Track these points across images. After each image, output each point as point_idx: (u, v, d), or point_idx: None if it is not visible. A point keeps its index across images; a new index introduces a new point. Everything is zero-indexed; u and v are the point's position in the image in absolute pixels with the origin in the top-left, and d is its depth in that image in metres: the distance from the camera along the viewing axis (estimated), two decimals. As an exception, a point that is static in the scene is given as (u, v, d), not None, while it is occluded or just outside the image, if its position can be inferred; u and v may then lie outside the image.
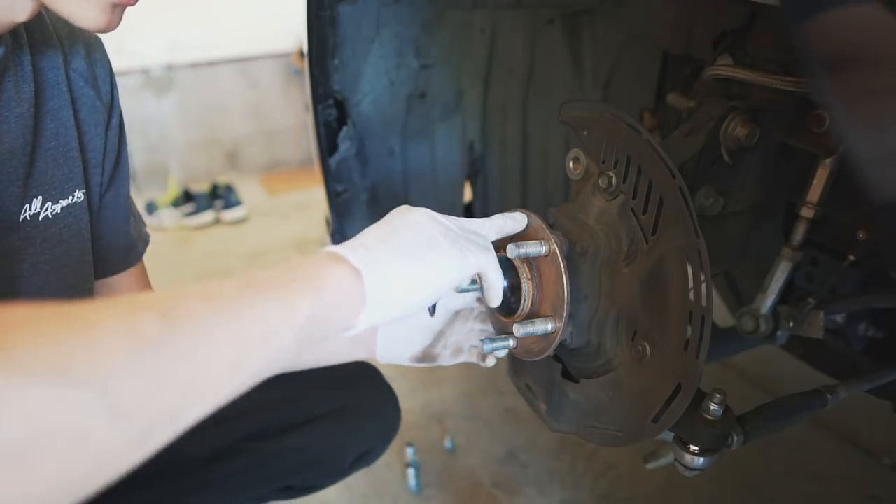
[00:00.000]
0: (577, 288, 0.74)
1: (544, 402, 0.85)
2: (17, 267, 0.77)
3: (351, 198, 1.54)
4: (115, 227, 0.91)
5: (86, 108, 0.84)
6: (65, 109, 0.80)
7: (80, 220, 0.83)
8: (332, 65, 1.39)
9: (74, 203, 0.82)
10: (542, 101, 1.66)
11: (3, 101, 0.74)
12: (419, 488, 1.59)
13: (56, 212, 0.80)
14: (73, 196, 0.82)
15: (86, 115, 0.84)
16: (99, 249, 0.90)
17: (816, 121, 0.86)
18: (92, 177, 0.86)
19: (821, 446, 1.71)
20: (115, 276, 0.94)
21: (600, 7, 1.55)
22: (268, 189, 3.76)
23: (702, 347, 0.65)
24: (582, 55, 1.61)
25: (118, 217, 0.92)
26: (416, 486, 1.59)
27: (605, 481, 1.62)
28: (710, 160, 0.87)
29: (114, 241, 0.92)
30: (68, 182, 0.81)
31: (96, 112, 0.85)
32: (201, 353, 0.43)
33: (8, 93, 0.74)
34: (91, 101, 0.84)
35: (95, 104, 0.85)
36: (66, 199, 0.81)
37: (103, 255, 0.91)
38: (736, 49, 0.97)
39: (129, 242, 0.94)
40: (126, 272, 0.95)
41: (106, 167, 0.88)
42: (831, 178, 0.89)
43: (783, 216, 1.03)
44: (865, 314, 1.09)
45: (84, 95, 0.83)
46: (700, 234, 0.65)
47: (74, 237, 0.82)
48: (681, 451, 0.77)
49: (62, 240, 0.81)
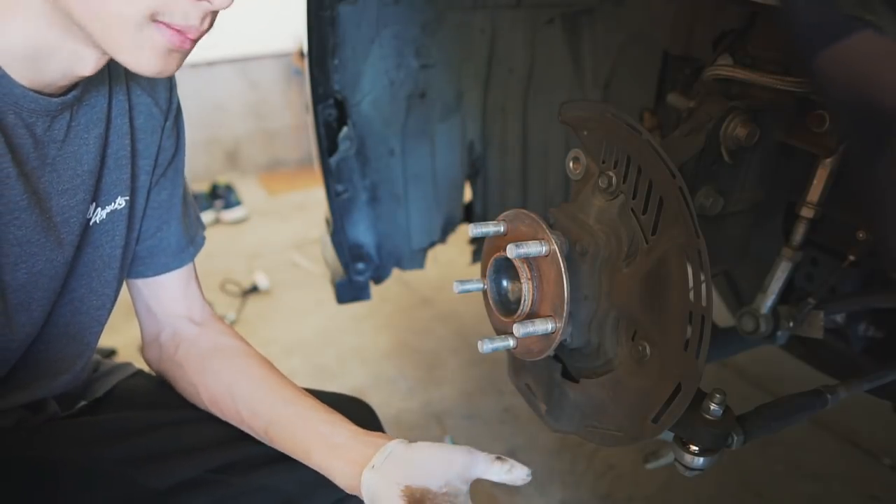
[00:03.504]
0: (577, 288, 0.74)
1: (544, 402, 0.85)
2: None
3: (351, 198, 1.54)
4: (168, 226, 0.92)
5: (143, 116, 0.85)
6: (120, 118, 0.81)
7: (117, 225, 0.84)
8: (332, 65, 1.39)
9: (116, 209, 0.83)
10: (542, 101, 1.66)
11: (83, 124, 0.76)
12: (419, 488, 1.59)
13: (102, 217, 0.82)
14: (116, 202, 0.83)
15: (142, 122, 0.85)
16: (149, 248, 0.91)
17: (816, 121, 0.86)
18: (140, 182, 0.86)
19: (821, 446, 1.71)
20: (163, 275, 0.94)
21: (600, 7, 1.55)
22: (268, 189, 3.76)
23: (702, 347, 0.65)
24: (582, 55, 1.61)
25: (171, 216, 0.92)
26: (416, 486, 1.58)
27: (605, 481, 1.62)
28: (710, 160, 0.87)
29: (164, 241, 0.92)
30: (115, 188, 0.82)
31: (153, 119, 0.86)
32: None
33: (87, 115, 0.77)
34: (148, 107, 0.85)
35: (152, 111, 0.86)
36: (111, 205, 0.83)
37: (153, 253, 0.92)
38: (736, 49, 0.97)
39: (180, 243, 0.94)
40: (175, 272, 0.95)
41: (157, 170, 0.89)
42: (831, 178, 0.89)
43: (783, 216, 1.03)
44: (865, 314, 1.09)
45: (141, 103, 0.84)
46: (700, 234, 0.65)
47: (109, 242, 0.84)
48: (681, 451, 0.77)
49: (101, 244, 0.83)
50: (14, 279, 0.72)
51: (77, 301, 0.82)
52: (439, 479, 0.74)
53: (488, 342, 0.74)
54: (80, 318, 0.84)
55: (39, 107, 0.69)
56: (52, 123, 0.72)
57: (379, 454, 0.77)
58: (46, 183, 0.73)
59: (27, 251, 0.72)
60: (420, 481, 0.74)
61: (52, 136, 0.73)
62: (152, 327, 0.98)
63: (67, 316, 0.82)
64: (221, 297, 2.57)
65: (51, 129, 0.72)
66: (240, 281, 2.67)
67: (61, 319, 0.81)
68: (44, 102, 0.69)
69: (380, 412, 1.02)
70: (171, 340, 0.96)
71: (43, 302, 0.77)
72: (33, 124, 0.70)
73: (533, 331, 0.72)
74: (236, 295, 2.60)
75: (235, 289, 2.63)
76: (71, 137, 0.75)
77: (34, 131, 0.70)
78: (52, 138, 0.73)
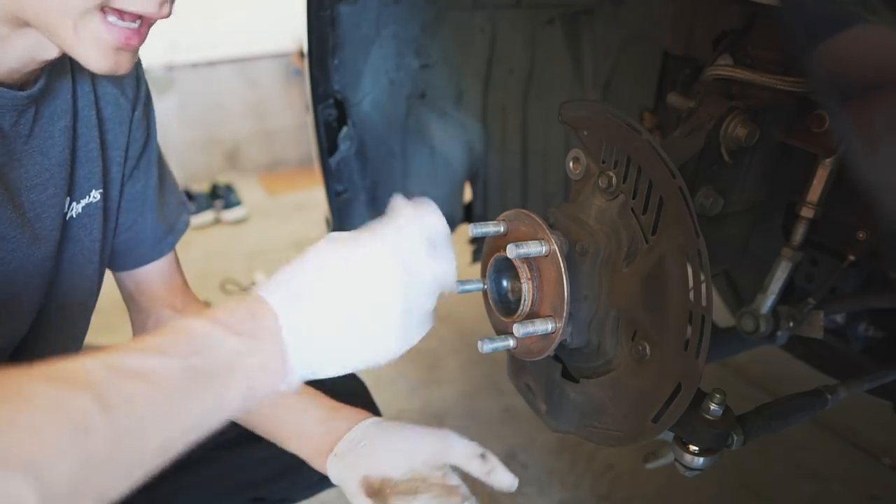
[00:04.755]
0: (577, 288, 0.74)
1: (544, 402, 0.85)
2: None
3: (351, 198, 1.54)
4: (142, 218, 0.91)
5: (110, 107, 0.84)
6: (87, 109, 0.80)
7: (93, 219, 0.83)
8: (332, 65, 1.39)
9: (91, 202, 0.83)
10: (542, 101, 1.66)
11: (47, 116, 0.75)
12: (419, 488, 1.59)
13: (78, 211, 0.81)
14: (90, 196, 0.82)
15: (110, 113, 0.84)
16: (126, 241, 0.91)
17: (816, 121, 0.86)
18: (112, 174, 0.85)
19: (821, 446, 1.71)
20: (144, 267, 0.94)
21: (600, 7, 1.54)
22: (268, 189, 3.76)
23: (702, 347, 0.65)
24: (582, 55, 1.61)
25: (145, 208, 0.91)
26: (416, 486, 1.58)
27: (605, 481, 1.62)
28: (710, 160, 0.87)
29: (141, 233, 0.92)
30: (87, 182, 0.82)
31: (120, 110, 0.85)
32: (134, 438, 0.44)
33: (51, 107, 0.75)
34: (115, 98, 0.84)
35: (119, 101, 0.84)
36: (85, 199, 0.82)
37: (130, 245, 0.92)
38: (736, 49, 0.97)
39: (157, 233, 0.93)
40: (156, 262, 0.95)
41: (128, 161, 0.88)
42: (831, 178, 0.89)
43: (783, 216, 1.03)
44: (865, 314, 1.09)
45: (107, 94, 0.83)
46: (700, 234, 0.65)
47: (87, 236, 0.83)
48: (681, 451, 0.77)
49: (79, 238, 0.82)
50: (4, 278, 0.71)
51: (62, 297, 0.82)
52: (401, 467, 0.73)
53: (488, 342, 0.74)
54: (67, 312, 0.84)
55: (6, 101, 0.68)
56: (19, 118, 0.71)
57: (342, 441, 0.76)
58: (16, 178, 0.72)
59: (5, 248, 0.71)
60: (381, 470, 0.73)
61: (19, 131, 0.72)
62: (139, 317, 0.98)
63: (55, 311, 0.82)
64: (221, 297, 2.56)
65: (17, 123, 0.71)
66: (240, 281, 2.67)
67: (49, 316, 0.81)
68: (10, 97, 0.68)
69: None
70: (156, 328, 0.96)
71: (28, 298, 0.77)
72: (0, 119, 0.69)
73: (533, 331, 0.72)
74: (236, 295, 2.61)
75: (235, 289, 2.63)
76: (36, 132, 0.74)
77: (1, 127, 0.70)
78: (18, 133, 0.72)
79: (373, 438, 0.76)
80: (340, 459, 0.75)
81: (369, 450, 0.75)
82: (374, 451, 0.75)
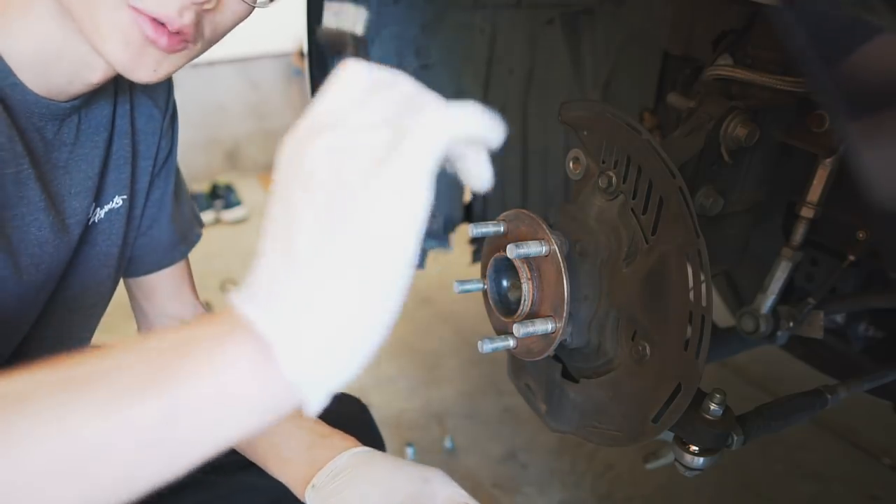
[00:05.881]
0: (577, 288, 0.74)
1: (544, 402, 0.85)
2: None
3: (351, 198, 1.53)
4: (159, 224, 0.92)
5: (143, 118, 0.85)
6: (122, 119, 0.82)
7: (115, 224, 0.84)
8: (332, 65, 1.39)
9: (114, 208, 0.83)
10: (542, 101, 1.66)
11: (93, 127, 0.77)
12: (419, 488, 1.59)
13: (101, 217, 0.82)
14: (114, 202, 0.83)
15: (143, 124, 0.85)
16: (140, 246, 0.91)
17: (816, 121, 0.86)
18: (140, 184, 0.87)
19: (821, 446, 1.71)
20: (154, 274, 0.94)
21: (600, 7, 1.54)
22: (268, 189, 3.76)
23: (702, 347, 0.65)
24: (582, 55, 1.61)
25: (162, 214, 0.92)
26: (416, 486, 1.58)
27: (605, 481, 1.62)
28: (710, 160, 0.87)
29: (155, 240, 0.92)
30: (113, 188, 0.83)
31: (153, 121, 0.86)
32: (25, 455, 0.35)
33: (95, 119, 0.77)
34: (148, 109, 0.85)
35: (152, 112, 0.86)
36: (109, 205, 0.83)
37: (144, 251, 0.92)
38: (736, 49, 0.97)
39: (171, 240, 0.94)
40: (166, 270, 0.94)
41: (155, 169, 0.89)
42: (831, 178, 0.89)
43: (783, 216, 1.03)
44: (865, 314, 1.09)
45: (142, 104, 0.85)
46: (700, 234, 0.65)
47: (105, 241, 0.84)
48: (681, 451, 0.77)
49: (97, 242, 0.83)
50: (33, 280, 0.72)
51: (71, 299, 0.82)
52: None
53: (488, 342, 0.74)
54: (74, 316, 0.84)
55: (49, 111, 0.70)
56: (62, 126, 0.73)
57: (322, 472, 0.73)
58: (60, 185, 0.74)
59: (45, 251, 0.73)
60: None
61: (62, 140, 0.74)
62: (145, 327, 0.98)
63: (61, 314, 0.82)
64: (221, 297, 2.56)
65: (60, 132, 0.73)
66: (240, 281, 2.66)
67: (54, 318, 0.81)
68: (53, 106, 0.70)
69: (380, 412, 1.02)
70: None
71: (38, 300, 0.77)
72: (43, 128, 0.71)
73: (533, 331, 0.72)
74: (236, 295, 2.60)
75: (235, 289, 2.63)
76: (81, 140, 0.76)
77: (44, 135, 0.71)
78: (62, 141, 0.74)
79: (354, 469, 0.72)
80: (318, 491, 0.72)
81: (347, 482, 0.71)
82: (353, 484, 0.71)
